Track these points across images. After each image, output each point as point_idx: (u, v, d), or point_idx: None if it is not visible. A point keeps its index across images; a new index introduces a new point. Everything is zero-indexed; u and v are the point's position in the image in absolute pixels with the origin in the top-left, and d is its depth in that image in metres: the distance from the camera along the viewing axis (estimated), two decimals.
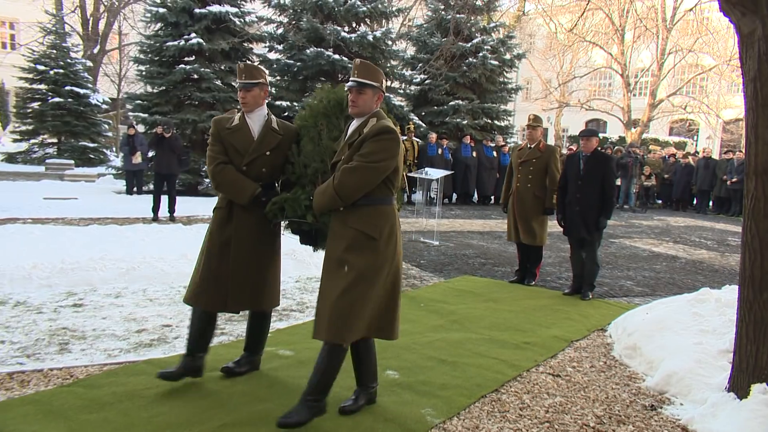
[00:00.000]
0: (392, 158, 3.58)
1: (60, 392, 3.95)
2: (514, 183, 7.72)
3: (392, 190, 3.71)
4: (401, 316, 5.95)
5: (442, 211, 12.39)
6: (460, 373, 4.63)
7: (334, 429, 3.63)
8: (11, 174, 18.36)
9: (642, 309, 6.04)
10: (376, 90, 3.73)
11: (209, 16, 15.64)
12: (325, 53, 16.05)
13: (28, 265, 6.68)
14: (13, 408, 3.69)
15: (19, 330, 5.12)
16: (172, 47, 15.57)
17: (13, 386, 4.03)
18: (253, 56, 17.35)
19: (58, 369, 4.34)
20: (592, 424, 3.97)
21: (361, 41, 16.53)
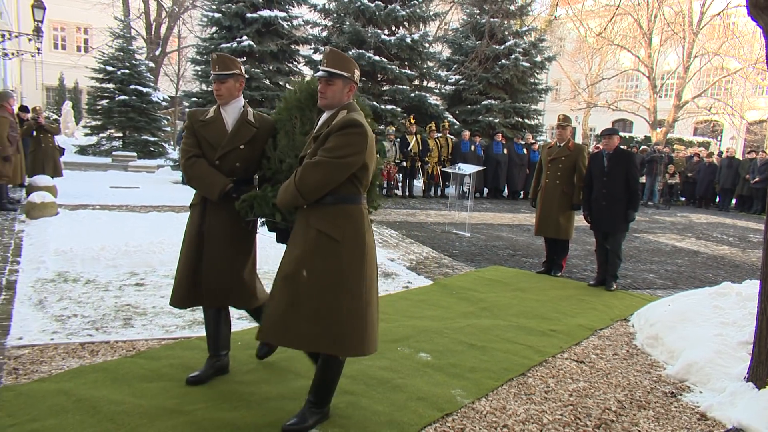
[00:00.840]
0: (358, 154, 3.11)
1: (124, 362, 4.07)
2: (543, 179, 7.65)
3: (360, 188, 3.23)
4: (434, 302, 6.03)
5: (473, 204, 12.29)
6: (489, 357, 4.61)
7: (371, 405, 3.64)
8: (82, 165, 18.81)
9: (664, 301, 5.92)
10: (347, 81, 3.26)
11: (260, 20, 15.76)
12: (366, 54, 16.03)
13: (96, 247, 6.86)
14: (85, 374, 3.82)
15: (89, 305, 5.26)
16: (225, 49, 15.74)
17: (84, 355, 4.17)
18: (299, 57, 17.42)
19: (123, 341, 4.47)
20: (614, 408, 3.93)
21: (399, 43, 16.47)
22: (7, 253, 6.94)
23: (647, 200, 18.36)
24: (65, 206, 9.95)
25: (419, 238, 9.81)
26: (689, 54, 26.59)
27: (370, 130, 3.22)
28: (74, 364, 4.00)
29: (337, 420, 3.42)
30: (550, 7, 30.02)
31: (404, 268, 7.55)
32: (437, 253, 8.71)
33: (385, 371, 4.16)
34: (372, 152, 3.23)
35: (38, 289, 5.61)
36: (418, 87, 17.70)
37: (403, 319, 5.41)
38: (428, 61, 18.07)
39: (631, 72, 31.95)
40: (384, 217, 11.94)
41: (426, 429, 3.44)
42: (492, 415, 3.69)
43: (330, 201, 3.16)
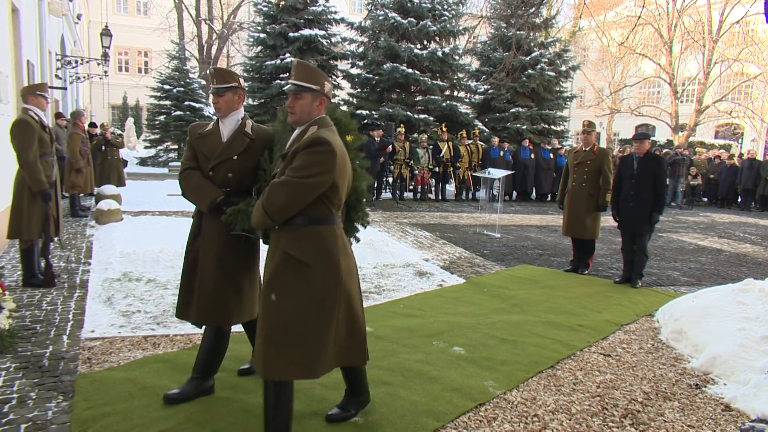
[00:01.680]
0: (326, 173, 2.74)
1: (182, 354, 4.15)
2: (570, 182, 7.55)
3: (332, 208, 2.87)
4: (467, 299, 5.99)
5: (503, 207, 12.19)
6: (520, 350, 4.56)
7: (408, 396, 3.64)
8: (143, 175, 19.26)
9: (688, 297, 5.77)
10: (317, 94, 2.91)
11: (301, 39, 15.94)
12: (400, 68, 16.07)
13: (156, 249, 7.00)
14: (149, 364, 3.93)
15: (150, 302, 5.38)
16: (269, 66, 15.98)
17: (147, 347, 4.28)
18: (338, 72, 17.53)
19: (181, 335, 4.57)
20: (640, 399, 3.84)
21: (431, 57, 16.46)
22: (80, 255, 7.16)
23: (670, 201, 17.92)
24: (129, 213, 10.20)
25: (452, 239, 9.76)
26: (709, 61, 25.95)
27: (340, 147, 2.84)
28: (139, 355, 4.11)
29: (377, 408, 3.43)
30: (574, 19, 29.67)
31: (438, 267, 7.52)
32: (469, 253, 8.65)
33: (422, 364, 4.15)
34: (343, 170, 2.86)
35: (106, 288, 5.77)
36: (449, 97, 17.65)
37: (437, 315, 5.39)
38: (458, 73, 18.01)
39: (652, 79, 31.34)
40: (418, 219, 11.92)
41: (461, 418, 3.42)
42: (523, 405, 3.65)
43: (300, 222, 2.82)
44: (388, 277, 6.85)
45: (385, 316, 5.29)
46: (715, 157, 20.06)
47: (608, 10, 30.51)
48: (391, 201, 14.68)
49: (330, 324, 2.88)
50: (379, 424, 3.25)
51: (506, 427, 3.37)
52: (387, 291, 6.21)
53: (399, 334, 4.77)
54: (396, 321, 5.12)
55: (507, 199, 16.27)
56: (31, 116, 5.57)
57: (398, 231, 10.21)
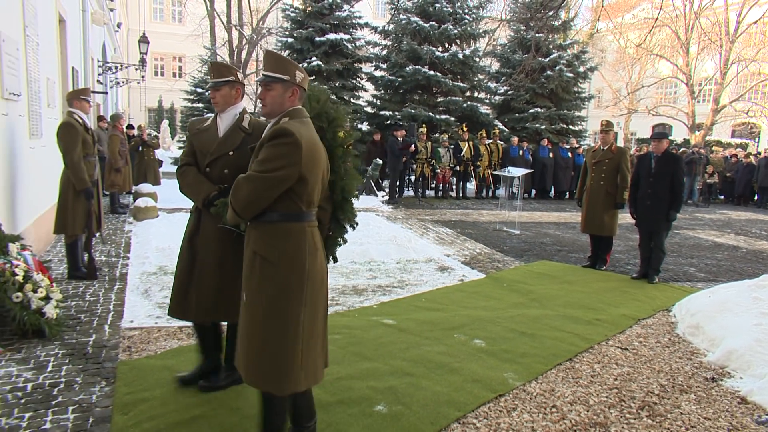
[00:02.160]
0: (290, 166, 2.48)
1: None
2: (588, 180, 7.48)
3: (301, 204, 2.59)
4: (487, 293, 5.97)
5: (522, 204, 12.10)
6: (538, 343, 4.53)
7: (431, 386, 3.64)
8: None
9: (704, 292, 5.68)
10: (287, 84, 2.65)
11: (327, 43, 15.98)
12: (422, 70, 16.02)
13: None
14: (184, 353, 4.00)
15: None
16: None
17: (182, 337, 4.35)
18: (362, 74, 17.55)
19: None
20: (657, 391, 3.80)
21: (452, 59, 16.38)
22: (119, 249, 7.30)
23: (687, 199, 17.57)
24: (164, 210, 10.36)
25: (472, 235, 9.72)
26: (726, 61, 25.33)
27: (308, 139, 2.56)
28: (174, 345, 4.18)
29: (401, 398, 3.44)
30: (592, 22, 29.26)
31: (459, 263, 7.50)
32: (489, 249, 8.61)
33: (443, 356, 4.15)
34: (313, 164, 2.57)
35: (144, 280, 5.88)
36: (470, 98, 17.54)
37: (458, 309, 5.38)
38: (479, 74, 17.89)
39: (669, 79, 30.71)
40: (440, 216, 11.89)
41: (481, 408, 3.42)
42: (542, 397, 3.63)
43: (268, 219, 2.60)
44: (410, 272, 6.86)
45: (408, 309, 5.30)
46: (732, 155, 19.63)
47: (626, 12, 29.98)
48: (413, 199, 14.66)
49: (296, 331, 2.57)
50: (403, 414, 3.26)
51: (525, 417, 3.35)
52: (410, 285, 6.22)
53: (421, 327, 4.78)
54: (418, 314, 5.13)
55: (526, 197, 16.14)
56: (76, 119, 5.70)
57: (420, 228, 10.20)
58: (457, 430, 3.16)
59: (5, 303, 3.99)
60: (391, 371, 3.83)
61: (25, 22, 6.13)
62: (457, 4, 16.95)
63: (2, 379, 3.50)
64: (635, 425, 3.33)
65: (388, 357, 4.08)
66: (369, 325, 4.74)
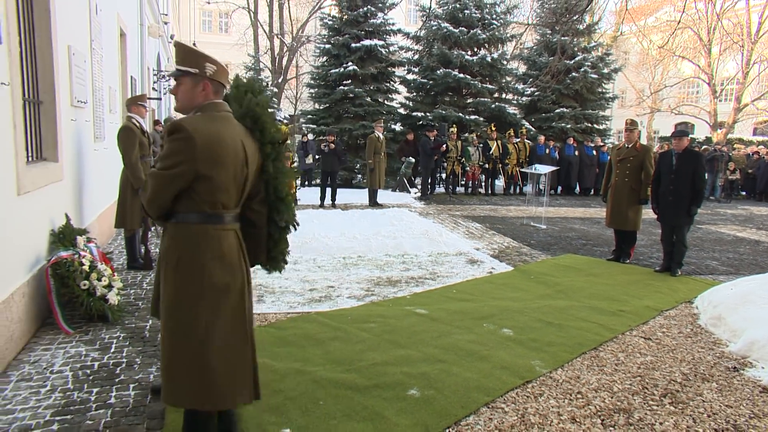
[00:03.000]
0: (184, 163, 2.20)
1: (259, 331, 4.24)
2: (613, 177, 7.31)
3: (203, 205, 2.29)
4: (515, 285, 5.90)
5: (548, 200, 11.93)
6: (564, 333, 4.47)
7: (461, 372, 3.62)
8: None
9: (726, 285, 5.51)
10: (197, 78, 2.36)
11: (362, 49, 15.99)
12: (452, 73, 15.92)
13: None
14: None
15: None
16: (334, 74, 16.12)
17: None
18: (395, 77, 17.52)
19: (257, 314, 4.67)
20: (679, 380, 3.71)
21: (481, 62, 16.22)
22: None
23: (709, 195, 17.05)
24: None
25: (501, 230, 9.63)
26: (748, 61, 24.54)
27: (206, 134, 2.25)
28: None
29: (433, 383, 3.44)
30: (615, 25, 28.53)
31: (488, 256, 7.44)
32: (517, 242, 8.51)
33: (473, 344, 4.13)
34: (215, 161, 2.25)
35: None
36: (498, 99, 17.33)
37: (488, 299, 5.35)
38: (506, 77, 17.66)
39: (692, 79, 29.81)
40: (469, 212, 11.81)
41: (509, 393, 3.40)
42: (567, 383, 3.58)
43: (174, 219, 2.33)
44: (442, 264, 6.84)
45: (439, 300, 5.29)
46: (754, 152, 18.96)
47: (648, 15, 29.18)
48: (444, 195, 14.60)
49: (201, 342, 2.28)
50: (434, 398, 3.26)
51: (551, 402, 3.31)
52: (441, 277, 6.20)
53: (452, 316, 4.77)
54: (450, 305, 5.12)
55: (552, 193, 15.89)
56: (134, 123, 5.86)
57: (451, 222, 10.15)
58: (486, 414, 3.15)
59: (74, 289, 4.15)
60: (423, 358, 3.83)
61: (91, 37, 6.33)
62: (486, 10, 16.78)
63: (73, 357, 3.66)
64: (658, 412, 3.26)
65: (421, 344, 4.08)
66: (403, 315, 4.75)
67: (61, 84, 4.92)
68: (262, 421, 2.93)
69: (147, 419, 2.92)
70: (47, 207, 4.45)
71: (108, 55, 7.58)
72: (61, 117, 4.90)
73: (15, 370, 3.45)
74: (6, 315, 3.50)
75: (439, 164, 14.64)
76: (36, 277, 4.06)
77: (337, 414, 3.03)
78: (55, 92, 4.74)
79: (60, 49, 4.91)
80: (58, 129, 4.84)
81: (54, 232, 4.47)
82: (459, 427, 2.99)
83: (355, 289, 5.57)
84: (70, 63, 5.29)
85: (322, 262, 6.73)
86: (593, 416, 3.17)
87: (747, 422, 3.18)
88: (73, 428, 2.80)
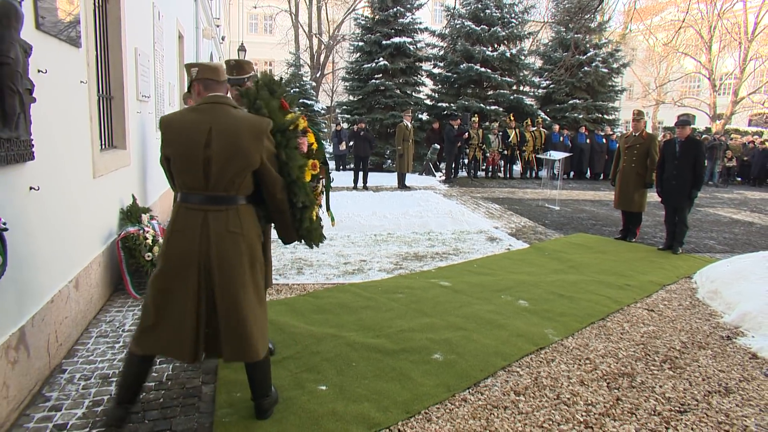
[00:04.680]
0: (162, 148, 2.38)
1: (298, 299, 4.32)
2: (621, 163, 7.12)
3: (174, 184, 2.48)
4: (530, 261, 5.80)
5: (562, 184, 11.67)
6: (575, 304, 4.39)
7: (481, 339, 3.60)
8: None
9: (723, 262, 5.38)
10: (193, 82, 2.53)
11: (392, 45, 15.80)
12: (474, 67, 15.64)
13: None
14: (273, 306, 4.10)
15: (274, 258, 5.58)
16: (366, 68, 16.00)
17: (271, 293, 4.49)
18: (422, 71, 17.28)
19: (297, 284, 4.75)
20: (678, 347, 3.63)
21: (501, 57, 15.87)
22: None
23: (707, 180, 16.51)
24: None
25: (518, 210, 9.48)
26: (745, 57, 23.91)
27: (176, 121, 2.33)
28: (266, 299, 4.32)
29: (455, 348, 3.43)
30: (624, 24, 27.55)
31: (506, 234, 7.34)
32: (533, 222, 8.37)
33: (492, 314, 4.10)
34: (179, 144, 2.30)
35: None
36: (516, 91, 16.94)
37: (505, 274, 5.28)
38: (524, 70, 17.26)
39: (693, 74, 28.78)
40: (489, 194, 11.66)
41: (524, 358, 3.36)
42: (577, 350, 3.53)
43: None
44: (464, 241, 6.78)
45: (461, 273, 5.26)
46: (749, 142, 18.31)
47: (654, 15, 28.19)
48: (466, 179, 14.43)
49: (155, 295, 2.35)
50: (456, 362, 3.25)
51: (562, 367, 3.27)
52: (463, 253, 6.15)
53: (473, 288, 4.73)
54: (471, 278, 5.08)
55: (565, 178, 15.54)
56: None
57: (472, 204, 10.04)
58: (503, 376, 3.13)
59: (140, 260, 4.26)
60: (446, 325, 3.82)
61: (154, 40, 6.39)
62: (505, 9, 16.38)
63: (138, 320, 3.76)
64: (658, 376, 3.20)
65: (444, 313, 4.06)
66: (428, 286, 4.73)
67: (128, 81, 4.99)
68: (301, 379, 2.97)
69: (202, 374, 2.99)
70: (117, 188, 4.56)
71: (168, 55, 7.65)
72: (128, 110, 4.98)
73: (94, 327, 3.58)
74: (86, 280, 3.62)
75: (462, 150, 14.49)
76: (109, 249, 4.18)
77: (368, 374, 3.05)
78: (123, 89, 4.81)
79: (128, 50, 4.97)
80: (126, 121, 4.92)
81: (123, 210, 4.58)
82: (478, 388, 2.97)
83: (385, 263, 5.57)
84: (136, 63, 5.35)
85: (356, 238, 6.75)
86: (600, 380, 3.12)
87: (737, 385, 3.13)
88: None
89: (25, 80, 2.55)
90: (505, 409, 2.77)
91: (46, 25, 2.94)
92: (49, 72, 2.99)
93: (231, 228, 2.34)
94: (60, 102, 3.23)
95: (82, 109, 3.65)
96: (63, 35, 3.23)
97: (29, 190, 2.70)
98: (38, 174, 2.82)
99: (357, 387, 2.89)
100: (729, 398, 2.97)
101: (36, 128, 2.73)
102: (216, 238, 2.31)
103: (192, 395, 2.78)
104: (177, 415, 2.59)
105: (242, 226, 2.37)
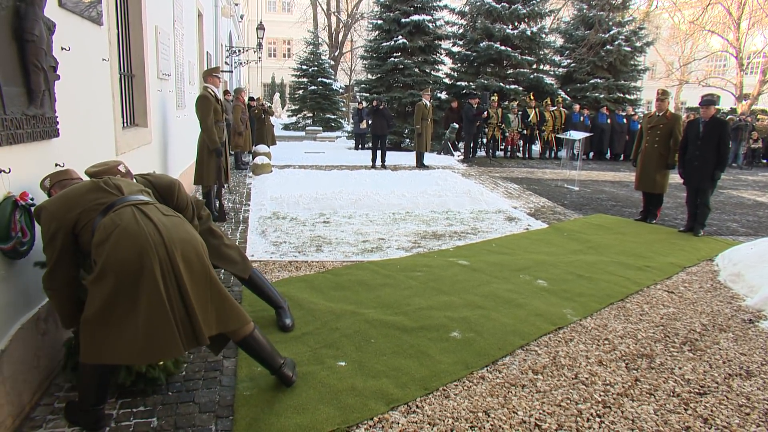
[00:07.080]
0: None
1: (317, 276, 4.34)
2: (644, 143, 6.92)
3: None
4: (549, 241, 5.74)
5: (581, 164, 11.44)
6: (594, 285, 4.33)
7: (499, 318, 3.58)
8: (286, 137, 20.11)
9: (746, 245, 5.19)
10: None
11: (411, 23, 15.52)
12: (494, 45, 15.29)
13: (296, 194, 7.33)
14: (292, 283, 4.15)
15: (293, 235, 5.68)
16: (385, 47, 15.77)
17: (291, 270, 4.52)
18: (441, 50, 16.97)
19: (316, 261, 4.76)
20: (698, 329, 3.56)
21: (521, 35, 15.46)
22: (242, 198, 7.66)
23: (732, 162, 15.97)
24: (277, 166, 10.71)
25: (537, 190, 9.34)
26: None
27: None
28: (286, 275, 4.36)
29: (473, 327, 3.42)
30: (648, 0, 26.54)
31: (525, 214, 7.25)
32: (552, 202, 8.25)
33: (510, 293, 4.07)
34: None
35: (261, 223, 6.15)
36: (536, 70, 16.53)
37: (524, 253, 5.23)
38: (544, 49, 16.79)
39: (720, 53, 27.58)
40: (508, 174, 11.50)
41: (542, 338, 3.34)
42: (596, 330, 3.49)
43: None
44: (482, 221, 6.72)
45: (480, 252, 5.22)
46: None
47: None
48: (485, 158, 14.25)
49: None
50: (474, 340, 3.25)
51: (581, 347, 3.24)
52: (482, 232, 6.11)
53: (492, 267, 4.70)
54: (489, 257, 5.04)
55: (585, 158, 15.24)
56: (210, 92, 5.92)
57: (491, 183, 9.93)
58: (521, 355, 3.11)
59: None
60: (464, 304, 3.81)
61: (174, 18, 6.36)
62: None
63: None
64: (678, 357, 3.14)
65: (463, 292, 4.05)
66: (446, 265, 4.71)
67: (149, 59, 4.99)
68: (320, 354, 3.00)
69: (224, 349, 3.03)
70: (139, 165, 4.59)
71: (188, 34, 7.63)
72: (149, 88, 4.99)
73: None
74: None
75: (481, 130, 14.28)
76: None
77: (387, 351, 3.06)
78: (144, 67, 4.82)
79: (149, 29, 4.96)
80: (147, 99, 4.94)
81: None
82: (496, 366, 2.97)
83: (403, 242, 5.56)
84: (156, 41, 5.34)
85: (374, 217, 6.74)
86: (618, 360, 3.09)
87: (759, 368, 3.06)
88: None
89: (50, 57, 2.56)
90: (523, 387, 2.76)
91: (68, 2, 2.94)
92: (72, 49, 3.00)
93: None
94: (83, 79, 3.24)
95: (104, 86, 3.66)
96: (85, 13, 3.22)
97: (55, 167, 2.73)
98: (63, 151, 2.85)
99: (375, 363, 2.91)
100: (750, 381, 2.91)
101: (60, 105, 2.75)
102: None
103: (214, 369, 2.83)
104: (199, 388, 2.64)
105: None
